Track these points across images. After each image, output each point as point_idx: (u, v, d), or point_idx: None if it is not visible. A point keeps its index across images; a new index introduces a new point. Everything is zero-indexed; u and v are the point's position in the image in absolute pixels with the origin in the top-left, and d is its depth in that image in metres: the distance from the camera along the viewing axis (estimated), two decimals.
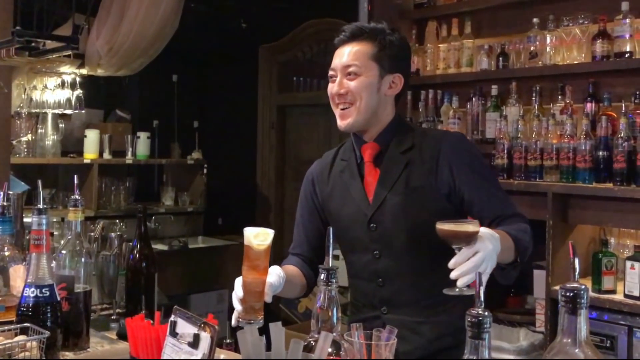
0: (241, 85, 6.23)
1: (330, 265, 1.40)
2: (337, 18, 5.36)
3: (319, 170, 2.07)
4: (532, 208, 3.05)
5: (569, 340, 0.94)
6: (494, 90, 3.52)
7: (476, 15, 3.72)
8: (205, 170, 5.72)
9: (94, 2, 4.77)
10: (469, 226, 1.54)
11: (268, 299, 1.62)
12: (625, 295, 2.73)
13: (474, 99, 3.62)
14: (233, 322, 1.62)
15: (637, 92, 2.98)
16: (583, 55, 3.21)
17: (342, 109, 1.90)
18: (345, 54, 1.91)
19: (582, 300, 0.94)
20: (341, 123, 1.91)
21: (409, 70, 2.05)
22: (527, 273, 3.13)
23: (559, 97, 3.27)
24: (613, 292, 2.81)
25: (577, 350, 0.93)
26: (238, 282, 1.63)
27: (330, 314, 1.32)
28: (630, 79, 3.07)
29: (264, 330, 1.06)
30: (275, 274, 1.69)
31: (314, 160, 2.11)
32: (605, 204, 2.90)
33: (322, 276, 1.34)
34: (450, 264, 1.53)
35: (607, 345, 2.73)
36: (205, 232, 5.81)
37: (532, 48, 3.38)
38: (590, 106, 3.14)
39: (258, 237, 1.57)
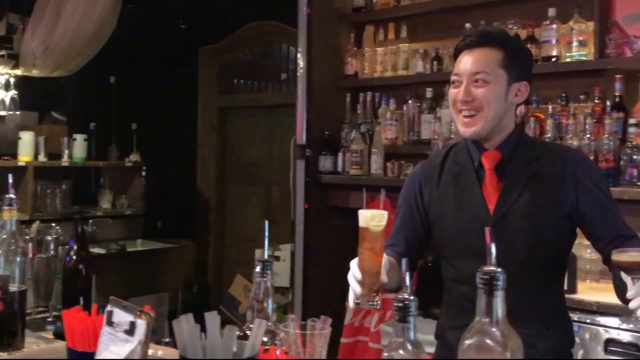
0: (181, 87, 6.20)
1: (266, 257, 1.43)
2: (277, 20, 5.42)
3: (428, 172, 2.00)
4: None
5: (487, 320, 1.00)
6: (429, 92, 3.63)
7: (412, 20, 3.83)
8: (144, 173, 5.66)
9: (29, 1, 4.69)
10: None
11: (385, 278, 1.67)
12: None
13: (410, 101, 3.72)
14: (351, 303, 1.68)
15: (563, 95, 3.14)
16: None
17: (467, 116, 1.84)
18: (473, 60, 1.83)
19: (498, 283, 1.01)
20: (466, 130, 1.85)
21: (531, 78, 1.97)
22: None
23: None
24: None
25: (494, 329, 0.99)
26: (355, 264, 1.68)
27: (265, 304, 1.35)
28: (556, 82, 3.22)
29: (198, 320, 1.08)
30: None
31: (255, 162, 2.12)
32: None
33: (258, 268, 1.37)
34: (629, 295, 1.59)
35: None
36: (145, 235, 5.74)
37: None
38: (520, 108, 3.26)
39: (375, 219, 1.61)
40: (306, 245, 3.77)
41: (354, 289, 1.66)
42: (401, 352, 1.01)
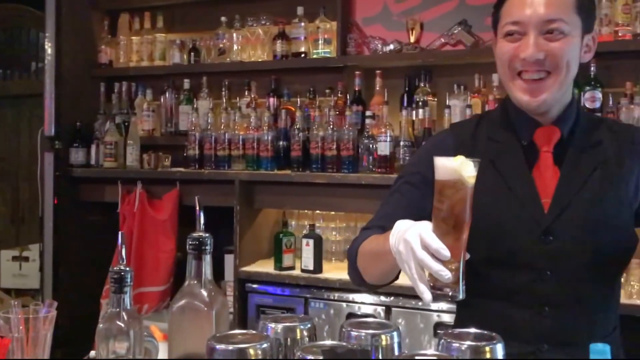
0: None
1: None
2: (23, 4, 5.03)
3: (453, 146, 1.50)
4: (221, 196, 3.21)
5: (196, 282, 1.04)
6: (187, 84, 3.63)
7: (168, 11, 3.80)
8: None
9: None
10: None
11: (467, 254, 1.17)
12: (302, 270, 3.02)
13: (167, 92, 3.68)
14: (427, 297, 1.14)
15: (311, 89, 3.34)
16: (266, 54, 3.48)
17: (534, 80, 1.41)
18: (545, 3, 1.39)
19: (206, 247, 1.05)
20: (531, 99, 1.42)
21: None
22: (220, 259, 3.28)
23: (246, 92, 3.49)
24: (292, 268, 3.09)
25: (202, 290, 1.02)
26: (430, 234, 1.13)
27: None
28: (305, 77, 3.42)
29: None
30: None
31: (0, 157, 1.88)
32: (286, 188, 3.18)
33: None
34: None
35: None
36: None
37: (220, 45, 3.56)
38: (272, 101, 3.41)
39: (466, 168, 1.15)
40: (57, 243, 3.55)
41: (440, 272, 1.10)
42: (118, 322, 1.00)
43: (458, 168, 1.13)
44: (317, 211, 3.29)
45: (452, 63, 3.20)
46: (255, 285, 3.11)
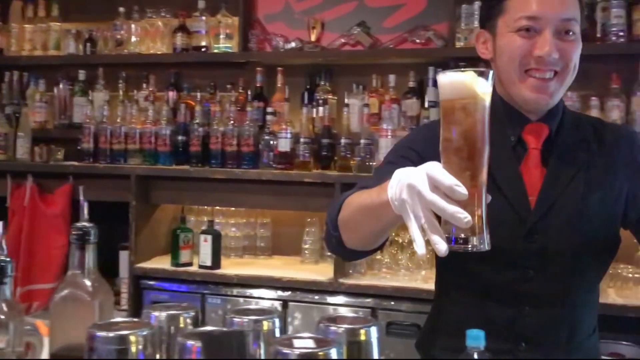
0: None
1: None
2: None
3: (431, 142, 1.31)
4: (116, 190, 3.13)
5: (79, 272, 1.02)
6: (82, 75, 3.51)
7: None
8: None
9: None
10: None
11: (489, 198, 1.01)
12: (200, 266, 3.00)
13: (61, 83, 3.55)
14: (442, 248, 0.95)
15: (212, 83, 3.31)
16: (165, 47, 3.42)
17: (545, 79, 1.36)
18: (563, 1, 1.36)
19: (90, 237, 1.03)
20: (541, 97, 1.37)
21: None
22: (114, 255, 3.20)
23: (144, 84, 3.42)
24: (190, 264, 3.05)
25: (85, 280, 1.01)
26: (441, 170, 0.96)
27: None
28: (206, 71, 3.39)
29: None
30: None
31: None
32: (184, 184, 3.13)
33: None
34: None
35: None
36: None
37: (118, 36, 3.47)
38: (171, 94, 3.36)
39: (479, 81, 0.96)
40: None
41: (456, 214, 0.93)
42: None
43: (470, 82, 0.95)
44: (217, 207, 3.28)
45: (351, 63, 3.27)
46: (151, 282, 3.05)
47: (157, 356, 1.00)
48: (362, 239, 1.28)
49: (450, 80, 0.96)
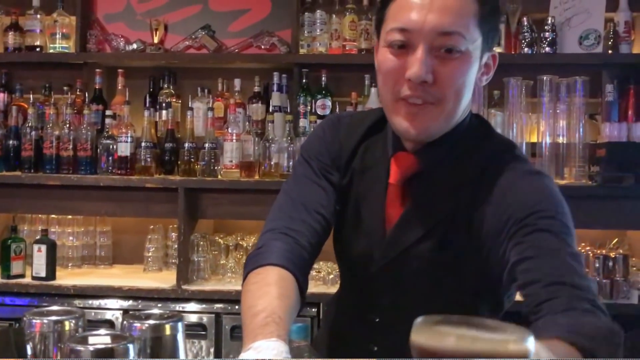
0: None
1: None
2: None
3: (348, 139, 1.28)
4: None
5: None
6: None
7: None
8: None
9: None
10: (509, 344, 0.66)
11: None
12: (33, 278, 2.82)
13: None
14: None
15: (47, 85, 3.14)
16: None
17: (418, 104, 1.12)
18: (440, 8, 1.09)
19: None
20: (411, 128, 1.14)
21: None
22: None
23: None
24: (22, 276, 2.86)
25: None
26: None
27: None
28: (41, 72, 3.21)
29: None
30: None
31: None
32: (15, 191, 2.94)
33: None
34: None
35: None
36: None
37: None
38: (2, 96, 3.16)
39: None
40: None
41: None
42: None
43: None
44: (52, 215, 3.10)
45: (196, 66, 3.23)
46: None
47: None
48: None
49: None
